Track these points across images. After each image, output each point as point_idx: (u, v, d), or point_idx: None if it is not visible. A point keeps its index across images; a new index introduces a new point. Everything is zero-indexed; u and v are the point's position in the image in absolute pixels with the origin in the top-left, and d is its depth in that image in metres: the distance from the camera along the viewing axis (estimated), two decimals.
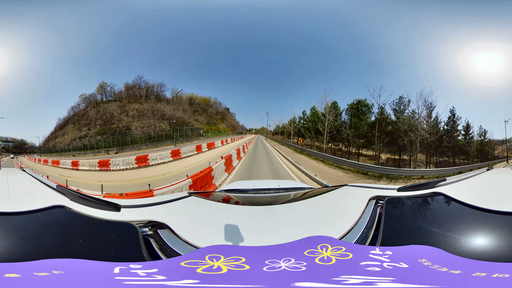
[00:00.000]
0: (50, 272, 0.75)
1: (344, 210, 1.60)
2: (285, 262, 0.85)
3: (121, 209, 1.33)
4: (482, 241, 1.04)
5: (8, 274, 0.73)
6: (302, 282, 0.73)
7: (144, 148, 21.77)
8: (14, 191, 1.58)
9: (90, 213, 1.26)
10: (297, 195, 2.18)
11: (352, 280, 0.74)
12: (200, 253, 0.92)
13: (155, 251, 1.07)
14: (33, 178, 1.90)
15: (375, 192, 1.66)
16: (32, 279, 0.72)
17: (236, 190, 2.50)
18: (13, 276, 0.72)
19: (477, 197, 1.40)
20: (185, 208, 1.67)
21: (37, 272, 0.75)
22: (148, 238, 1.14)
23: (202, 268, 0.82)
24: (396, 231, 1.14)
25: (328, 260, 0.87)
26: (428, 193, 1.53)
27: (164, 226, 1.25)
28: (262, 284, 0.74)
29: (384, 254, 0.90)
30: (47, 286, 0.69)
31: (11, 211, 1.15)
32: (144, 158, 15.31)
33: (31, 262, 0.81)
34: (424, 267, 0.82)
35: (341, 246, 0.96)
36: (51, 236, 1.07)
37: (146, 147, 22.01)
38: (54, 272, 0.76)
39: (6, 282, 0.70)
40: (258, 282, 0.74)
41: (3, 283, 0.69)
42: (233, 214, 1.61)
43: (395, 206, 1.41)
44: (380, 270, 0.79)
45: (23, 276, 0.72)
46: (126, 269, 0.80)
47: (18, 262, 0.81)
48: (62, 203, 1.29)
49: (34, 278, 0.72)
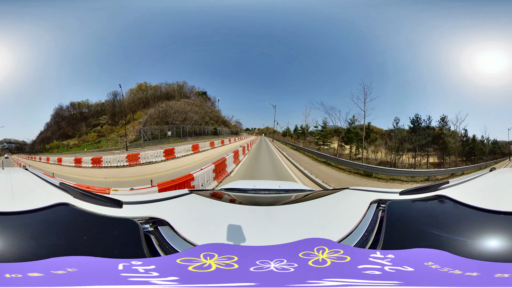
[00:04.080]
0: (65, 270, 0.78)
1: (345, 213, 1.59)
2: (276, 263, 0.86)
3: (123, 205, 1.34)
4: (490, 242, 1.03)
5: (31, 273, 0.75)
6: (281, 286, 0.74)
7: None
8: (17, 190, 1.60)
9: (93, 210, 1.27)
10: (297, 197, 2.17)
11: (328, 283, 0.74)
12: (196, 251, 0.93)
13: (155, 248, 1.09)
14: (36, 176, 1.92)
15: (376, 195, 1.65)
16: (52, 278, 0.74)
17: (236, 189, 2.50)
18: (35, 275, 0.75)
19: (481, 198, 1.38)
20: (186, 205, 1.68)
21: (54, 271, 0.77)
22: (149, 235, 1.15)
23: (194, 265, 0.83)
24: (398, 235, 1.13)
25: (322, 262, 0.87)
26: (431, 196, 1.52)
27: (164, 222, 1.27)
28: (248, 282, 0.75)
29: (385, 257, 0.89)
30: (66, 284, 0.72)
31: (15, 210, 1.17)
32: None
33: (45, 260, 0.84)
34: (432, 270, 0.82)
35: (339, 249, 0.95)
36: (57, 233, 1.09)
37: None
38: (68, 270, 0.78)
39: (30, 281, 0.72)
40: (242, 281, 0.76)
41: (28, 282, 0.72)
42: (233, 214, 1.61)
43: (397, 210, 1.39)
44: (380, 274, 0.79)
45: (45, 275, 0.75)
46: (129, 265, 0.82)
47: (31, 261, 0.83)
48: (65, 200, 1.30)
49: (53, 276, 0.75)
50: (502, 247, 0.99)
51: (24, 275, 0.74)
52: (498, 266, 0.82)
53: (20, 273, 0.75)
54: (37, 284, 0.71)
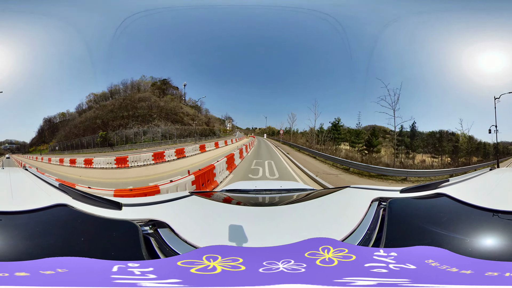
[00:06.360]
0: (55, 270, 0.77)
1: (347, 212, 1.59)
2: (284, 263, 0.85)
3: (122, 207, 1.33)
4: (488, 241, 1.04)
5: (18, 273, 0.75)
6: (300, 284, 0.73)
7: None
8: (17, 190, 1.59)
9: (92, 212, 1.27)
10: (299, 196, 2.17)
11: (360, 282, 0.73)
12: (197, 253, 0.92)
13: (154, 250, 1.07)
14: (35, 177, 1.91)
15: (377, 193, 1.65)
16: (39, 278, 0.74)
17: (237, 190, 2.49)
18: (22, 274, 0.74)
19: (481, 197, 1.39)
20: (186, 207, 1.67)
21: (43, 271, 0.77)
22: (148, 237, 1.14)
23: (197, 268, 0.82)
24: (400, 233, 1.14)
25: (330, 262, 0.86)
26: (431, 194, 1.52)
27: (164, 225, 1.26)
28: (256, 285, 0.74)
29: (389, 255, 0.90)
30: (53, 285, 0.71)
31: (14, 210, 1.16)
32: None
33: (37, 260, 0.83)
34: (432, 268, 0.82)
35: (344, 247, 0.95)
36: (54, 234, 1.08)
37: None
38: (58, 270, 0.77)
39: (17, 281, 0.72)
40: (252, 283, 0.74)
41: (14, 281, 0.71)
42: (234, 215, 1.60)
43: (398, 208, 1.39)
44: (386, 272, 0.79)
45: (31, 275, 0.74)
46: (124, 267, 0.81)
47: (24, 260, 0.83)
48: (64, 201, 1.30)
49: (40, 276, 0.74)
50: (498, 246, 1.01)
51: (11, 274, 0.74)
52: (491, 264, 0.84)
53: (7, 272, 0.75)
54: (23, 284, 0.70)
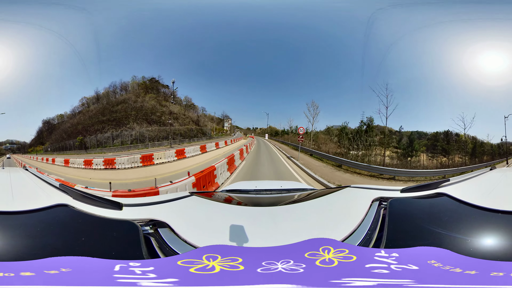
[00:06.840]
0: (59, 270, 0.78)
1: (347, 212, 1.59)
2: (283, 263, 0.85)
3: (123, 207, 1.34)
4: (489, 241, 1.04)
5: (23, 273, 0.76)
6: (295, 284, 0.73)
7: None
8: (17, 190, 1.59)
9: (92, 212, 1.27)
10: (300, 196, 2.17)
11: (358, 283, 0.73)
12: (197, 253, 0.92)
13: (155, 250, 1.08)
14: (36, 177, 1.91)
15: (378, 193, 1.64)
16: (44, 277, 0.74)
17: (238, 190, 2.49)
18: (27, 274, 0.75)
19: (481, 197, 1.39)
20: (187, 207, 1.67)
21: (47, 270, 0.77)
22: (148, 237, 1.14)
23: (196, 267, 0.82)
24: (401, 233, 1.14)
25: (330, 262, 0.86)
26: (432, 194, 1.51)
27: (165, 225, 1.26)
28: (252, 284, 0.74)
29: (390, 256, 0.89)
30: (58, 284, 0.72)
31: (15, 210, 1.16)
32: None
33: (40, 260, 0.84)
34: (436, 268, 0.82)
35: (344, 248, 0.95)
36: (55, 234, 1.09)
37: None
38: (62, 270, 0.78)
39: (23, 280, 0.73)
40: (248, 283, 0.74)
41: (20, 281, 0.72)
42: (235, 215, 1.60)
43: (398, 208, 1.39)
44: (388, 273, 0.79)
45: (36, 275, 0.75)
46: (126, 267, 0.81)
47: (26, 260, 0.83)
48: (65, 201, 1.30)
49: (45, 276, 0.75)
50: (500, 246, 1.00)
51: (16, 274, 0.75)
52: (495, 265, 0.83)
53: (13, 272, 0.75)
54: (28, 283, 0.71)
